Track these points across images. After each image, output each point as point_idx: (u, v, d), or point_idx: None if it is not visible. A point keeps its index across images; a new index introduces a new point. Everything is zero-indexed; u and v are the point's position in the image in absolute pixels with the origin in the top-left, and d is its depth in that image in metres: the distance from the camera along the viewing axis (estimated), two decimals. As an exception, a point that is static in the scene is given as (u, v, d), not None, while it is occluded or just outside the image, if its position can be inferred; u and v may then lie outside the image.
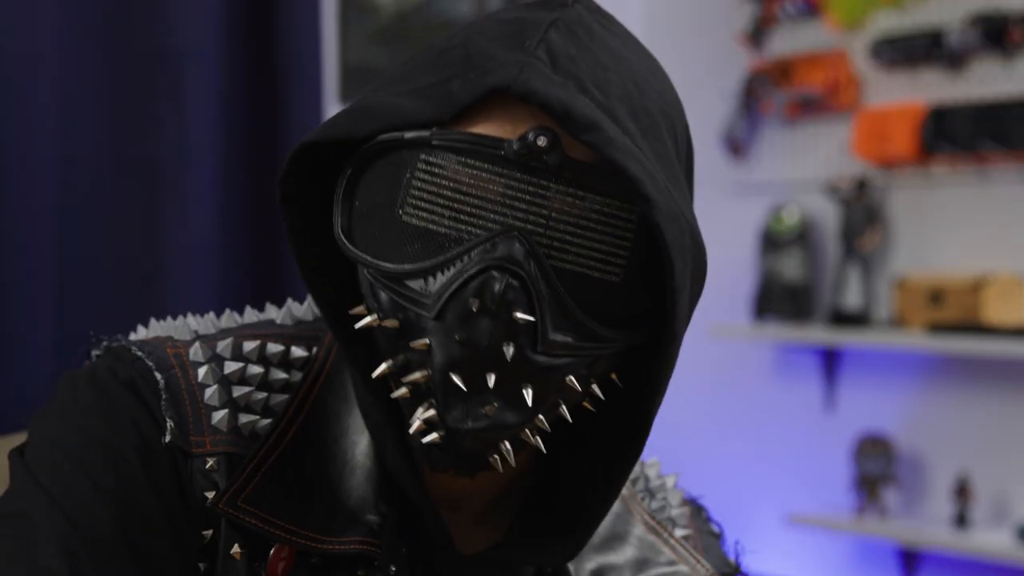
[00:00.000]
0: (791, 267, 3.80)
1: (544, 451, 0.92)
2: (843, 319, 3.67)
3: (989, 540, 3.29)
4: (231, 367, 0.98)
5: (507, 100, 0.87)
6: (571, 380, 0.89)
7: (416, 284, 0.88)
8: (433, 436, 0.89)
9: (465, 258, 0.86)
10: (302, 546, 0.94)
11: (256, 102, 2.32)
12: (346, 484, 0.96)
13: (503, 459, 0.90)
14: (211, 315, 1.05)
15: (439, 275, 0.87)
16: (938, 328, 3.35)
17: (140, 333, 1.02)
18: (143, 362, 0.96)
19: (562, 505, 0.98)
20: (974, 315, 3.32)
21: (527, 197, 0.86)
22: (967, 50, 3.44)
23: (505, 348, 0.85)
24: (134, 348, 0.97)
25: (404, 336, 0.89)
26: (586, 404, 0.93)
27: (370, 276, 0.90)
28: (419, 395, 0.89)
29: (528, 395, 0.87)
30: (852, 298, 3.70)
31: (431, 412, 0.88)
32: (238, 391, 0.97)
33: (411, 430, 0.89)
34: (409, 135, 0.87)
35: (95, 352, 0.99)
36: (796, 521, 3.65)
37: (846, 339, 3.61)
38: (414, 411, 0.89)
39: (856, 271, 3.69)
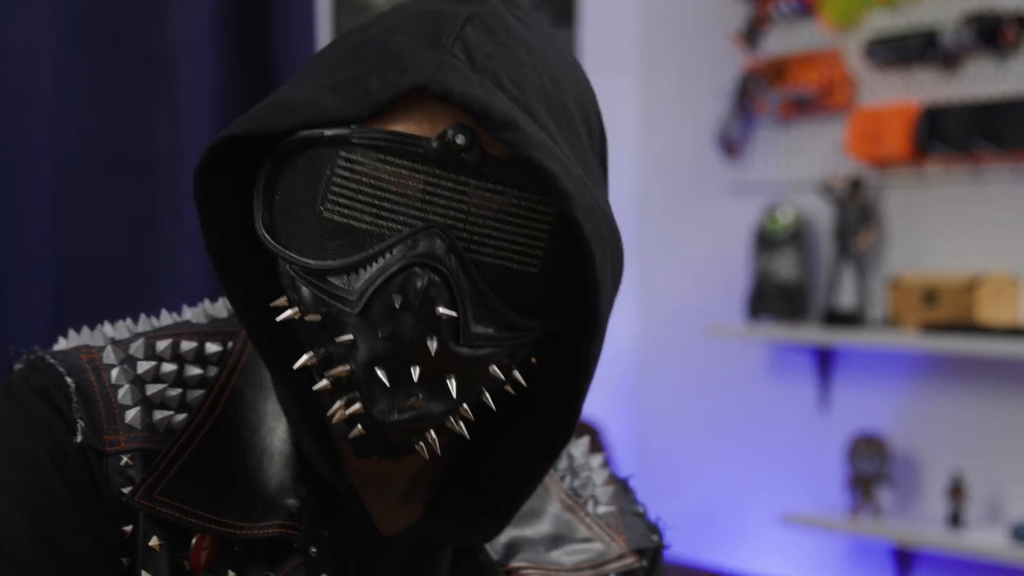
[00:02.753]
0: (785, 267, 3.81)
1: (467, 436, 0.94)
2: (837, 319, 3.67)
3: (983, 540, 3.29)
4: (144, 366, 1.00)
5: (425, 98, 0.88)
6: (494, 369, 0.91)
7: (339, 280, 0.89)
8: (358, 430, 0.90)
9: (387, 254, 0.88)
10: (222, 533, 0.95)
11: (251, 101, 2.32)
12: (265, 471, 0.98)
13: (430, 447, 0.92)
14: (128, 321, 1.06)
15: (361, 271, 0.88)
16: (932, 328, 3.35)
17: (61, 343, 1.04)
18: (55, 369, 0.98)
19: (484, 484, 1.00)
20: (968, 315, 3.32)
21: (447, 193, 0.88)
22: (961, 50, 3.44)
23: (428, 342, 0.87)
24: (48, 357, 0.99)
25: (327, 330, 0.90)
26: (507, 388, 0.95)
27: (292, 271, 0.91)
28: (341, 388, 0.91)
29: (452, 385, 0.89)
30: (846, 298, 3.70)
31: (356, 406, 0.89)
32: (152, 389, 0.99)
33: (334, 421, 0.91)
34: (329, 132, 0.88)
35: (17, 365, 1.01)
36: (790, 520, 3.65)
37: (840, 339, 3.61)
38: (335, 403, 0.91)
39: (850, 271, 3.69)
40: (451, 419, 0.92)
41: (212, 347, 1.02)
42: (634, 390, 4.27)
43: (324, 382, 0.91)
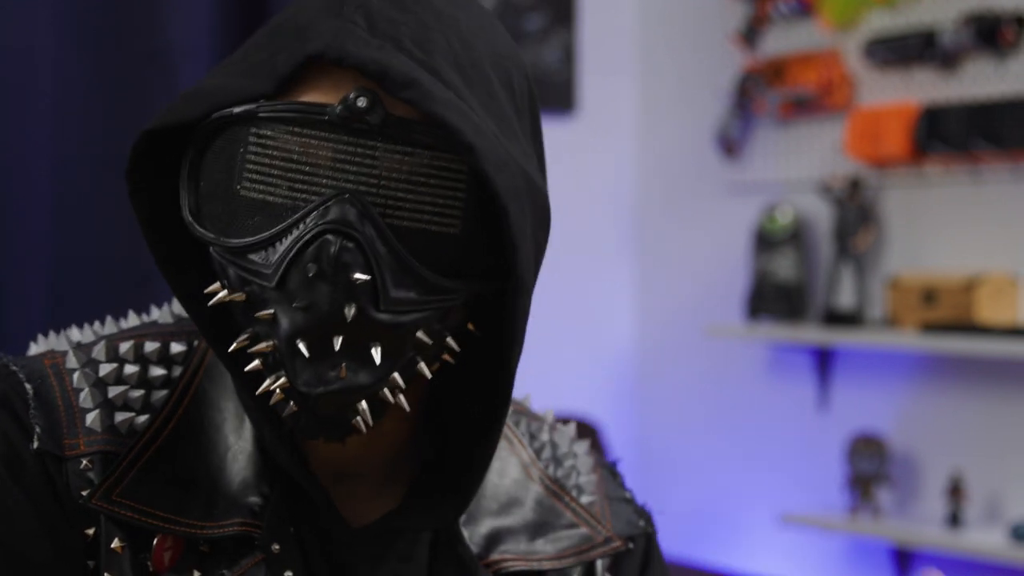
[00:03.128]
0: (784, 267, 3.81)
1: (407, 409, 0.93)
2: (836, 319, 3.67)
3: (982, 540, 3.29)
4: (106, 369, 1.00)
5: (329, 68, 0.89)
6: (421, 335, 0.90)
7: (258, 256, 0.89)
8: (291, 406, 0.90)
9: (300, 225, 0.87)
10: (183, 534, 0.95)
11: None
12: (228, 470, 0.98)
13: (364, 420, 0.91)
14: (96, 324, 1.06)
15: (278, 244, 0.88)
16: (931, 328, 3.35)
17: (32, 349, 1.04)
18: (15, 376, 0.98)
19: (449, 466, 1.00)
20: (967, 315, 3.32)
21: (356, 159, 0.88)
22: (960, 50, 3.44)
23: (347, 310, 0.86)
24: (11, 364, 0.99)
25: (250, 308, 0.90)
26: (446, 357, 0.95)
27: (216, 254, 0.92)
28: (270, 366, 0.90)
29: (377, 354, 0.89)
30: (845, 298, 3.70)
31: (282, 380, 0.89)
32: (114, 391, 0.99)
33: (271, 402, 0.91)
34: (237, 110, 0.89)
35: None
36: (789, 520, 3.65)
37: (839, 339, 3.61)
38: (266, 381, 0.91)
39: (849, 271, 3.69)
40: (386, 391, 0.91)
41: (177, 347, 1.02)
42: (633, 390, 4.27)
43: (255, 362, 0.91)
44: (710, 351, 4.05)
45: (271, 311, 0.88)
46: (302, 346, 0.87)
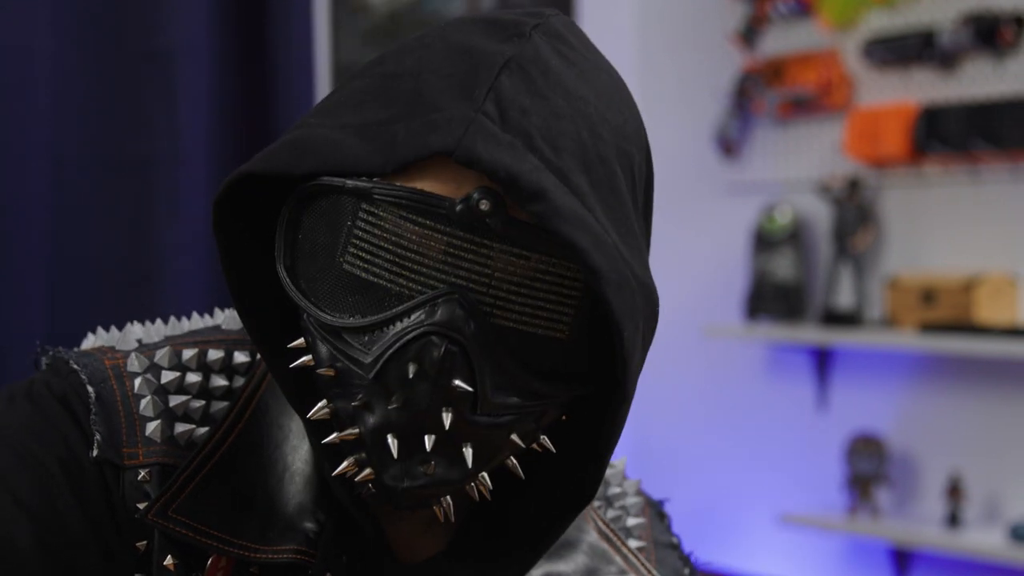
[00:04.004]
0: (783, 267, 3.80)
1: (490, 488, 0.91)
2: (835, 319, 3.67)
3: (981, 540, 3.29)
4: (168, 376, 0.97)
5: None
6: (515, 437, 0.89)
7: (354, 339, 0.86)
8: (370, 488, 0.88)
9: (405, 319, 0.84)
10: (236, 556, 0.93)
11: (248, 101, 2.32)
12: (285, 491, 0.95)
13: (447, 512, 0.89)
14: (159, 322, 1.04)
15: (378, 333, 0.85)
16: (930, 328, 3.35)
17: (89, 341, 1.02)
18: (77, 376, 0.96)
19: (507, 523, 0.97)
20: (966, 315, 3.32)
21: (470, 256, 0.85)
22: (959, 50, 3.44)
23: (444, 414, 0.84)
24: (71, 361, 0.97)
25: (340, 386, 0.87)
26: (536, 447, 0.92)
27: (308, 322, 0.89)
28: (349, 447, 0.88)
29: (469, 454, 0.86)
30: (844, 298, 3.70)
31: (367, 471, 0.87)
32: (175, 400, 0.97)
33: (348, 475, 0.88)
34: (350, 183, 0.85)
35: (44, 360, 1.00)
36: (788, 521, 3.65)
37: (838, 339, 3.61)
38: (342, 459, 0.89)
39: (848, 271, 3.69)
40: (470, 486, 0.89)
41: (240, 357, 1.00)
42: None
43: (333, 436, 0.88)
44: (709, 351, 4.05)
45: (363, 399, 0.86)
46: (392, 442, 0.85)
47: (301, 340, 0.90)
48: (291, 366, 0.90)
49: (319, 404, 0.88)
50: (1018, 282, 3.38)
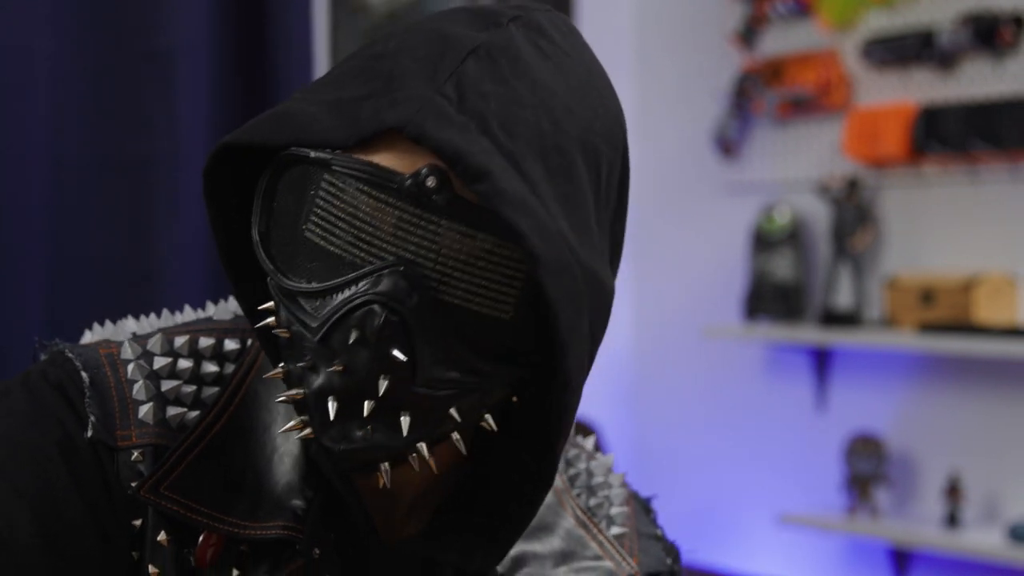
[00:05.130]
0: (782, 267, 3.81)
1: (435, 470, 0.93)
2: (834, 319, 3.67)
3: (980, 540, 3.29)
4: (160, 362, 1.01)
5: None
6: (453, 412, 0.90)
7: (307, 303, 0.90)
8: (316, 448, 0.92)
9: (353, 287, 0.88)
10: (225, 532, 0.96)
11: (248, 101, 2.32)
12: (274, 471, 0.98)
13: (385, 479, 0.91)
14: (152, 316, 1.07)
15: (328, 298, 0.89)
16: (929, 328, 3.35)
17: (87, 337, 1.06)
18: (72, 363, 0.99)
19: (485, 507, 0.99)
20: (965, 315, 3.33)
21: (419, 231, 0.88)
22: (958, 50, 3.44)
23: (380, 381, 0.87)
24: (67, 351, 1.00)
25: (292, 348, 0.91)
26: (485, 425, 0.94)
27: (271, 287, 0.93)
28: (299, 408, 0.92)
29: (405, 423, 0.89)
30: (843, 298, 3.70)
31: (307, 431, 0.91)
32: (167, 385, 1.00)
33: (299, 436, 0.92)
34: (313, 154, 0.89)
35: (43, 355, 1.02)
36: (787, 521, 3.65)
37: (837, 339, 3.61)
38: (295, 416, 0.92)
39: (847, 271, 3.69)
40: (412, 457, 0.91)
41: (231, 344, 1.03)
42: (631, 390, 4.27)
43: (282, 395, 0.92)
44: (708, 351, 4.05)
45: (309, 360, 0.89)
46: (331, 405, 0.88)
47: (271, 303, 0.94)
48: (256, 326, 0.94)
49: (278, 367, 0.93)
50: (1017, 282, 3.38)
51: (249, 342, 1.03)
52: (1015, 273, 3.39)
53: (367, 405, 0.88)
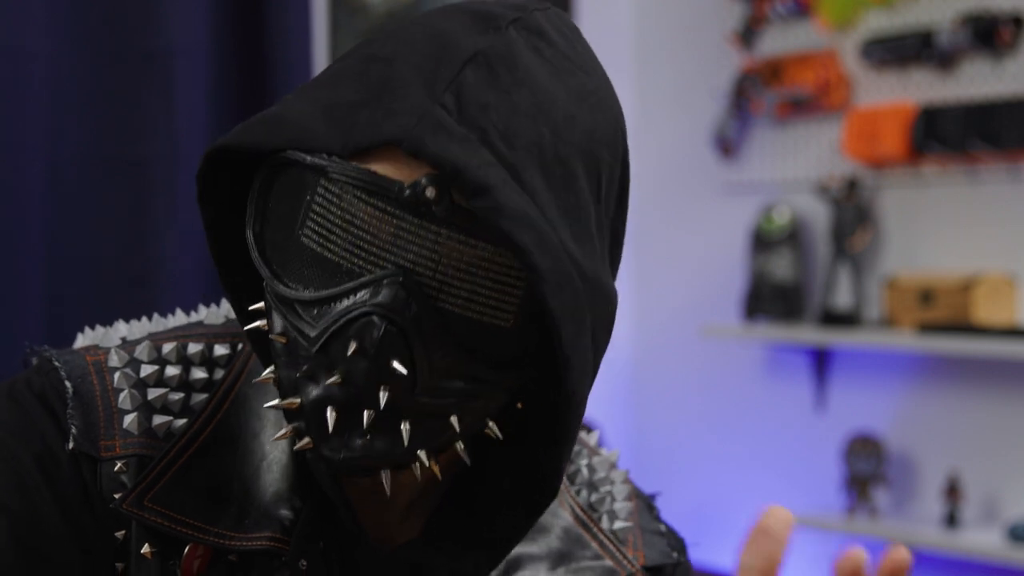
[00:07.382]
0: (781, 267, 3.81)
1: (439, 477, 0.92)
2: (833, 319, 3.67)
3: (979, 540, 3.29)
4: (147, 370, 0.99)
5: None
6: (454, 420, 0.89)
7: (304, 311, 0.88)
8: (313, 456, 0.90)
9: (352, 296, 0.86)
10: (211, 544, 0.94)
11: (246, 102, 2.32)
12: (262, 480, 0.97)
13: (386, 485, 0.90)
14: (144, 319, 1.05)
15: (326, 307, 0.87)
16: (928, 328, 3.35)
17: (79, 340, 1.04)
18: (57, 372, 0.98)
19: (479, 514, 0.98)
20: (964, 315, 3.33)
21: (417, 240, 0.86)
22: (957, 50, 3.44)
23: (381, 392, 0.86)
24: (54, 359, 0.99)
25: (287, 355, 0.89)
26: (489, 432, 0.93)
27: (266, 291, 0.91)
28: (292, 417, 0.90)
29: (406, 432, 0.87)
30: (842, 298, 3.70)
31: (306, 441, 0.89)
32: (153, 393, 0.98)
33: (295, 447, 0.90)
34: (309, 160, 0.87)
35: (33, 360, 1.01)
36: (787, 521, 3.64)
37: (836, 339, 3.61)
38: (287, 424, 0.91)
39: (846, 271, 3.69)
40: (414, 466, 0.90)
41: (220, 350, 1.01)
42: (630, 390, 4.27)
43: (275, 402, 0.90)
44: (707, 351, 4.05)
45: (307, 370, 0.88)
46: (330, 416, 0.87)
47: (262, 304, 0.92)
48: (247, 328, 0.93)
49: (268, 370, 0.91)
50: (1016, 282, 3.38)
51: (240, 347, 1.02)
52: (1014, 273, 3.39)
53: (367, 415, 0.86)
